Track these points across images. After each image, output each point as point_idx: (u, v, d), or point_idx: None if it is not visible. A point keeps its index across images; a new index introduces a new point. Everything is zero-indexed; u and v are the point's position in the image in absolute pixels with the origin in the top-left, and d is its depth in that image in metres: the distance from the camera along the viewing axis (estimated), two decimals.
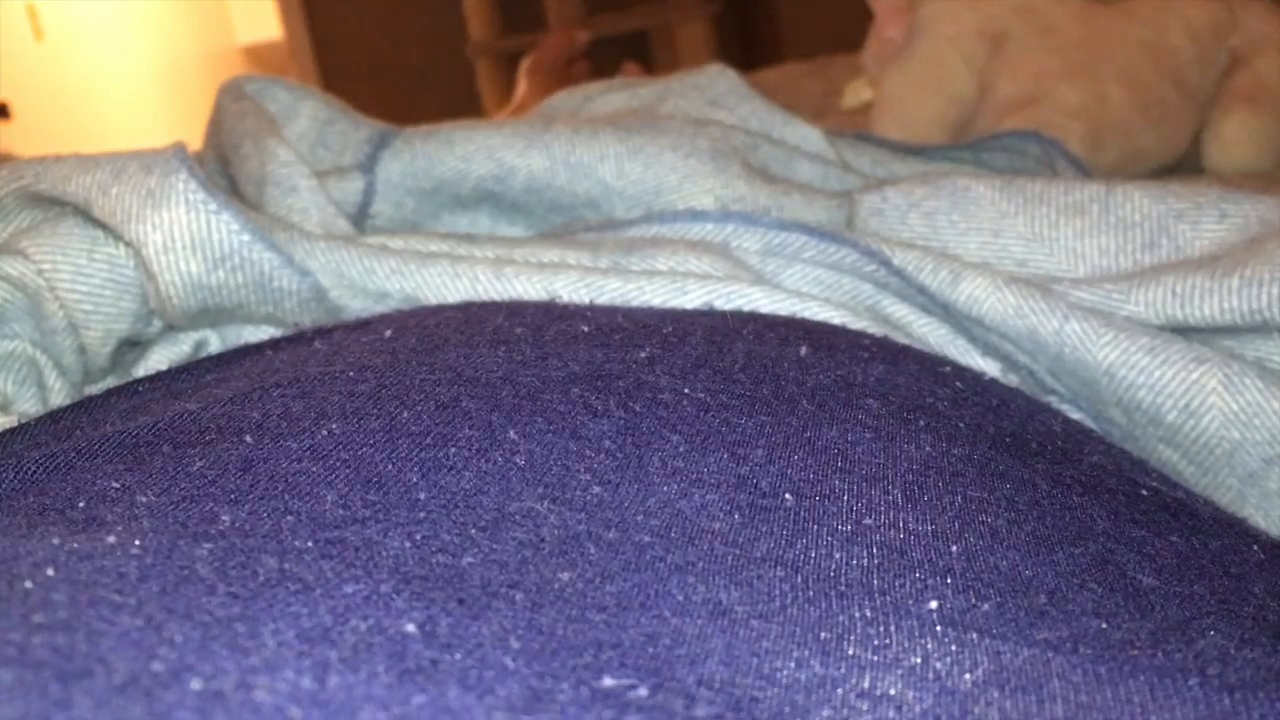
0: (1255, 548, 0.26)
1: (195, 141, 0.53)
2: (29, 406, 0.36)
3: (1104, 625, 0.21)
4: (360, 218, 0.47)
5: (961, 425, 0.28)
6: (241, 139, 0.46)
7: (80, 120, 2.87)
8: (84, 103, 2.92)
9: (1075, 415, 0.37)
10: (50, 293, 0.36)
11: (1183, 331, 0.36)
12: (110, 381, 0.39)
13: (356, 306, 0.38)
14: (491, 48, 2.45)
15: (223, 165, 0.48)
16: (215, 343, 0.40)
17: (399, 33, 2.84)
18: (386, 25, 2.84)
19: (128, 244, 0.37)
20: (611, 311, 0.33)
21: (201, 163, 0.50)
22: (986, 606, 0.21)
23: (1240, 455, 0.34)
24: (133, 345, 0.40)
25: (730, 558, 0.22)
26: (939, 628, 0.20)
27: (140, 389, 0.31)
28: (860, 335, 0.34)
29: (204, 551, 0.19)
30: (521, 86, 1.13)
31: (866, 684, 0.19)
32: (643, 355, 0.29)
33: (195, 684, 0.15)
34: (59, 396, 0.37)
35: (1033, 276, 0.40)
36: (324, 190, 0.43)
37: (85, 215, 0.38)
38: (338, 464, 0.24)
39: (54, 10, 2.79)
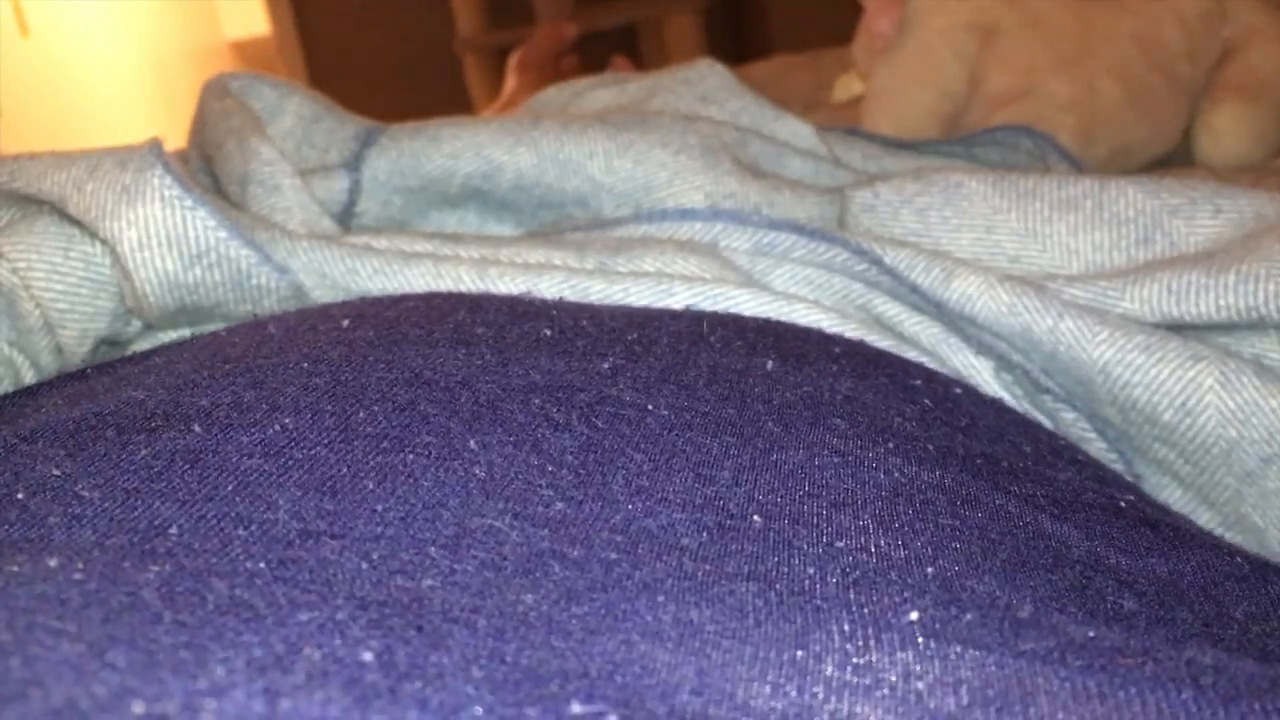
0: (1238, 560, 0.26)
1: (181, 137, 0.52)
2: None
3: (1090, 634, 0.21)
4: (346, 216, 0.47)
5: (930, 448, 0.28)
6: (225, 137, 0.45)
7: (68, 117, 2.85)
8: (71, 99, 2.90)
9: (1069, 415, 0.37)
10: (25, 291, 0.36)
11: (1178, 329, 0.36)
12: None
13: None
14: (480, 42, 2.44)
15: (206, 164, 0.48)
16: None
17: (387, 27, 2.83)
18: (374, 20, 2.83)
19: (103, 241, 0.36)
20: (577, 313, 0.32)
21: (185, 161, 0.50)
22: (969, 617, 0.21)
23: (1237, 454, 0.33)
24: (112, 345, 0.40)
25: (700, 574, 0.21)
26: (920, 639, 0.20)
27: (88, 372, 0.30)
28: (831, 342, 0.33)
29: (150, 574, 0.18)
30: (510, 81, 1.12)
31: (845, 710, 0.18)
32: (605, 366, 0.29)
33: (138, 707, 0.14)
34: None
35: (1026, 273, 0.40)
36: (308, 189, 0.43)
37: (61, 213, 0.37)
38: (290, 464, 0.23)
39: (40, 7, 2.78)
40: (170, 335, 0.39)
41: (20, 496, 0.22)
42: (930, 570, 0.22)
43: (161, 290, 0.36)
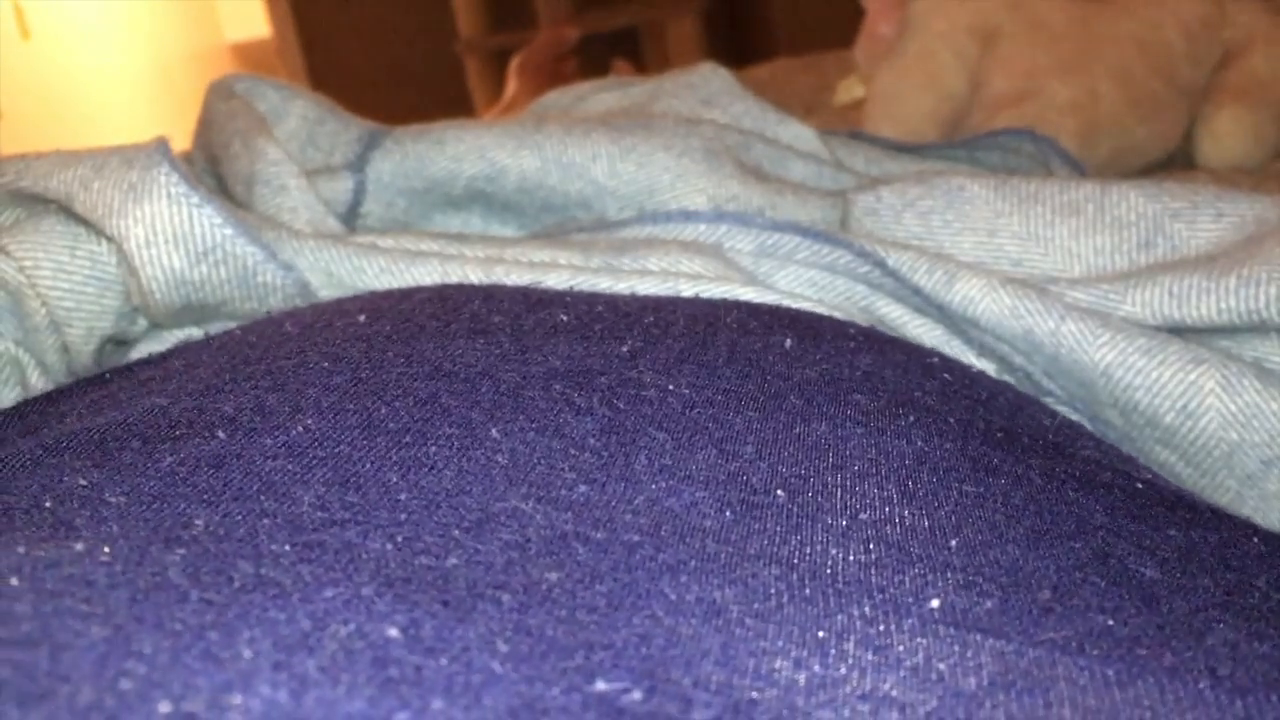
0: (1255, 539, 0.26)
1: (183, 139, 0.52)
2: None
3: (1110, 622, 0.21)
4: (350, 217, 0.47)
5: (952, 420, 0.28)
6: (230, 138, 0.45)
7: (69, 119, 2.85)
8: (72, 102, 2.90)
9: (1072, 418, 0.37)
10: (31, 290, 0.36)
11: (1180, 332, 0.36)
12: None
13: None
14: (481, 45, 2.45)
15: (212, 165, 0.48)
16: None
17: (388, 30, 2.83)
18: (375, 22, 2.83)
19: (110, 240, 0.36)
20: (591, 299, 0.32)
21: (190, 162, 0.50)
22: (989, 604, 0.21)
23: (1238, 457, 0.33)
24: (118, 344, 0.40)
25: (723, 555, 0.21)
26: (940, 627, 0.20)
27: (107, 377, 0.30)
28: (846, 324, 0.33)
29: (176, 557, 0.19)
30: (512, 84, 1.12)
31: (868, 685, 0.18)
32: (624, 349, 0.29)
33: (164, 706, 0.14)
34: None
35: (1028, 276, 0.40)
36: (313, 189, 0.43)
37: (67, 212, 0.37)
38: (314, 462, 0.23)
39: (41, 9, 2.78)
40: (176, 334, 0.39)
41: (48, 504, 0.22)
42: (954, 543, 0.22)
43: (167, 288, 0.36)
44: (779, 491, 0.24)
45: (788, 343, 0.30)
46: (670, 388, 0.27)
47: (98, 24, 3.17)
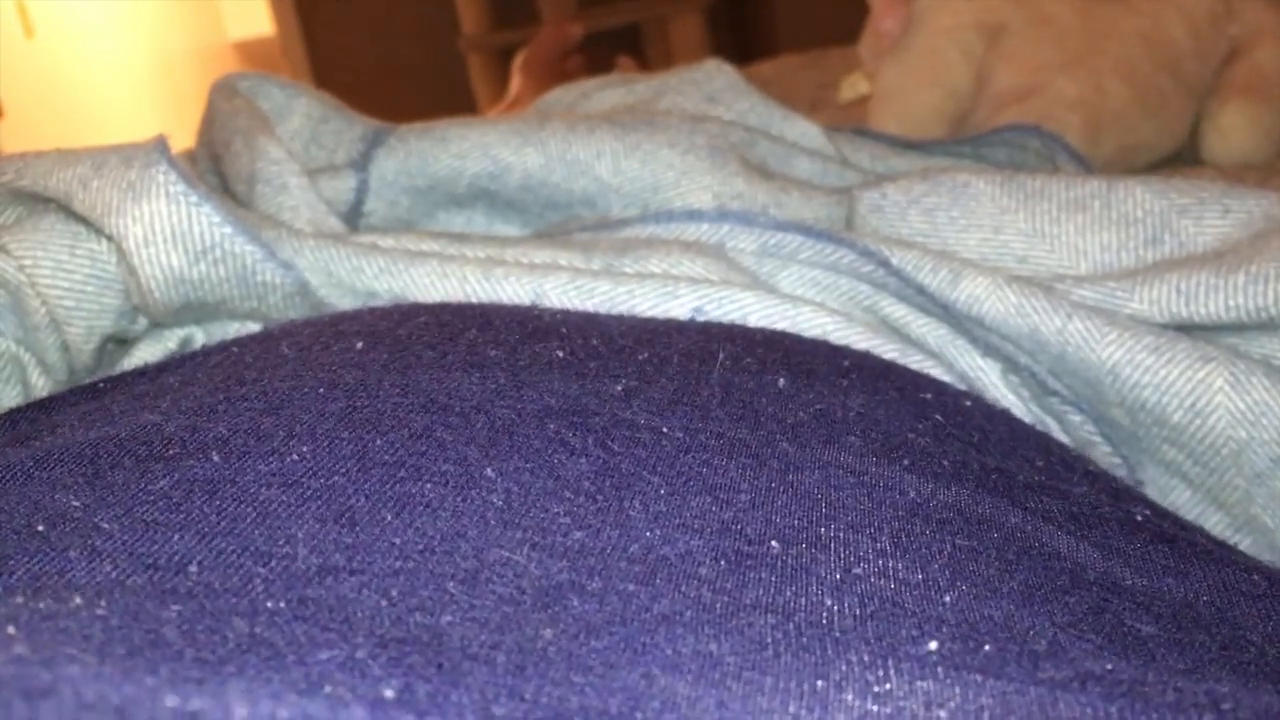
0: (1255, 576, 0.26)
1: (186, 137, 0.52)
2: (12, 405, 0.36)
3: (1109, 667, 0.20)
4: (353, 216, 0.47)
5: (945, 464, 0.28)
6: (232, 136, 0.45)
7: (72, 117, 2.85)
8: (75, 100, 2.91)
9: (1077, 417, 0.37)
10: (32, 289, 0.36)
11: (1187, 329, 0.36)
12: None
13: (345, 305, 0.37)
14: (484, 42, 2.45)
15: (214, 163, 0.48)
16: (201, 340, 0.40)
17: (391, 27, 2.83)
18: (378, 20, 2.84)
19: (109, 238, 0.36)
20: (586, 330, 0.32)
21: (194, 161, 0.50)
22: (988, 648, 0.21)
23: (1247, 455, 0.33)
24: (118, 343, 0.40)
25: (719, 605, 0.21)
26: (940, 669, 0.20)
27: (101, 387, 0.30)
28: (840, 355, 0.33)
29: (171, 614, 0.18)
30: (515, 82, 1.12)
31: None
32: (618, 389, 0.29)
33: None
34: (43, 394, 0.37)
35: (1034, 274, 0.39)
36: (315, 188, 0.43)
37: (67, 210, 0.37)
38: (308, 494, 0.23)
39: (44, 7, 2.78)
40: (177, 332, 0.39)
41: (41, 529, 0.22)
42: (948, 598, 0.22)
43: (167, 286, 0.36)
44: (773, 542, 0.23)
45: (781, 382, 0.30)
46: (664, 430, 0.27)
47: (101, 22, 3.17)
